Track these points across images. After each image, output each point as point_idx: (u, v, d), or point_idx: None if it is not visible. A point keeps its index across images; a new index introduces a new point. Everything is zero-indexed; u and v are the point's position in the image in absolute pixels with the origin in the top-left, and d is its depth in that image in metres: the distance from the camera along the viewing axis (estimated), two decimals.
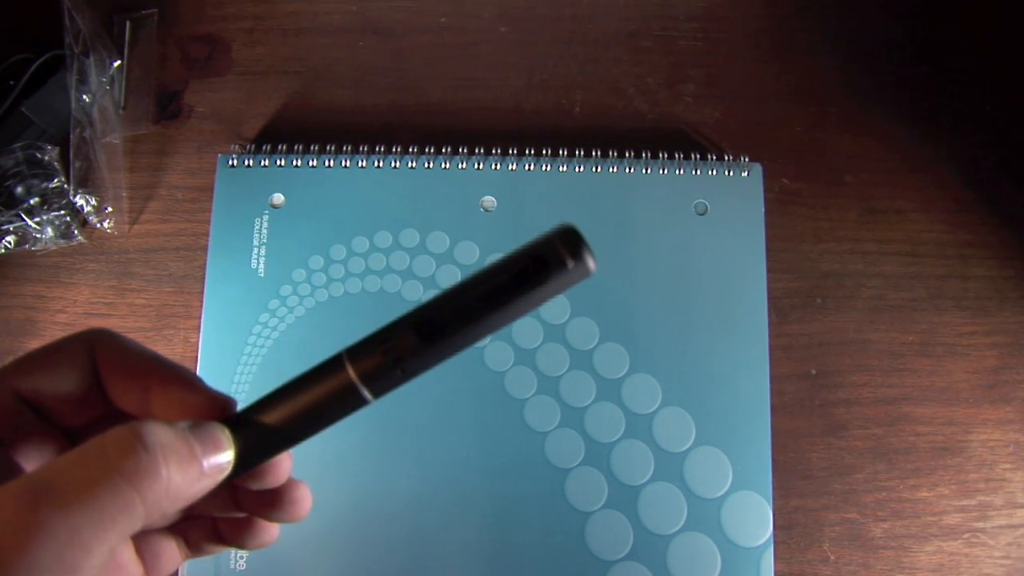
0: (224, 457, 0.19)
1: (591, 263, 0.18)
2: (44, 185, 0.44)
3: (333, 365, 0.20)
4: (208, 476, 0.19)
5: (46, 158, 0.44)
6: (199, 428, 0.19)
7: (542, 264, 0.18)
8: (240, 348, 0.41)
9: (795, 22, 0.47)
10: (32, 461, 0.21)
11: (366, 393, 0.19)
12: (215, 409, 0.21)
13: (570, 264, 0.18)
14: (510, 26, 0.48)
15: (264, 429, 0.20)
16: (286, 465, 0.22)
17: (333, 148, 0.44)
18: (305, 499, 0.22)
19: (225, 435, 0.20)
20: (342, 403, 0.20)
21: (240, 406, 0.21)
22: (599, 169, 0.43)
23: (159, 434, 0.18)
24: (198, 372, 0.41)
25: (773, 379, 0.41)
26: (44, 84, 0.45)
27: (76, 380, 0.22)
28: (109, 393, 0.22)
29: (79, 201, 0.45)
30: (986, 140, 0.45)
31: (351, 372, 0.19)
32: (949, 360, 0.42)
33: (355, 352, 0.20)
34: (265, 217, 0.43)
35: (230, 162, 0.44)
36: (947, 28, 0.47)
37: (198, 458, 0.18)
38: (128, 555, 0.20)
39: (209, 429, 0.19)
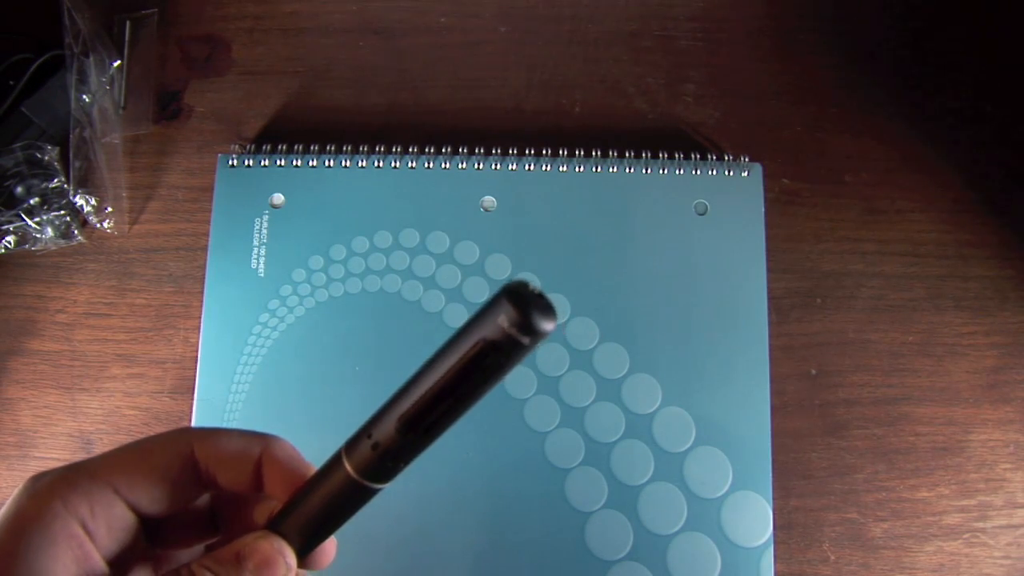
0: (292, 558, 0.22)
1: (546, 327, 0.16)
2: (44, 185, 0.44)
3: (335, 463, 0.21)
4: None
5: (46, 158, 0.44)
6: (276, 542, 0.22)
7: (492, 346, 0.16)
8: (240, 348, 0.41)
9: (795, 22, 0.47)
10: None
11: (372, 485, 0.20)
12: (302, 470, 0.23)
13: (524, 340, 0.16)
14: (510, 26, 0.48)
15: (304, 530, 0.22)
16: (331, 553, 0.24)
17: (333, 148, 0.44)
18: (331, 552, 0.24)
19: (286, 547, 0.22)
20: (354, 498, 0.21)
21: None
22: (599, 169, 0.43)
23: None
24: (198, 372, 0.41)
25: (773, 379, 0.41)
26: (44, 84, 0.45)
27: (174, 482, 0.23)
28: (218, 480, 0.23)
29: (79, 201, 0.45)
30: (986, 140, 0.45)
31: (349, 469, 0.20)
32: (949, 360, 0.42)
33: (350, 448, 0.20)
34: (265, 217, 0.43)
35: (230, 162, 0.44)
36: (947, 28, 0.47)
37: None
38: None
39: (280, 544, 0.22)
